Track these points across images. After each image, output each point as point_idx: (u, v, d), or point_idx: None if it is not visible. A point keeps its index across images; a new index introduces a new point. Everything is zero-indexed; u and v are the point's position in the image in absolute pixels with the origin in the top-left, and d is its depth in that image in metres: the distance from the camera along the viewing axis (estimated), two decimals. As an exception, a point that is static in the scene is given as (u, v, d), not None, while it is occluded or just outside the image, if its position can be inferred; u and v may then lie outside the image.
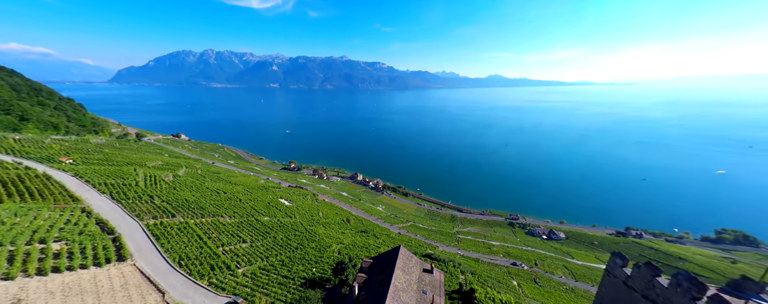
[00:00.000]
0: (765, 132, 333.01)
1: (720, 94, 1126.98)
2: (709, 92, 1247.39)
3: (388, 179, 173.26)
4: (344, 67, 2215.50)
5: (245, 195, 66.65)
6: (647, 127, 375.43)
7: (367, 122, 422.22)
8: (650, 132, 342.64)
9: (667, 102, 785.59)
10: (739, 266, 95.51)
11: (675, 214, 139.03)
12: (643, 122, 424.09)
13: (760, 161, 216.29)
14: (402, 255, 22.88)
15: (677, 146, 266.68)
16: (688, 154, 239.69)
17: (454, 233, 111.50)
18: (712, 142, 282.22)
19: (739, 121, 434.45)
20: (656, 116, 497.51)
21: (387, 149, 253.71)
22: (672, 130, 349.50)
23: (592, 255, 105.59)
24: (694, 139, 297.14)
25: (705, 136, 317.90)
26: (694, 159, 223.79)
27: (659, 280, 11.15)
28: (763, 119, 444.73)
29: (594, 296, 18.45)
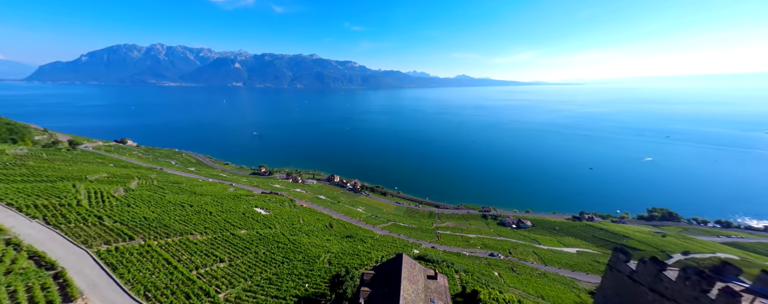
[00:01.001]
0: (679, 124, 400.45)
1: (648, 93, 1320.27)
2: (640, 91, 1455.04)
3: (366, 179, 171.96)
4: (315, 66, 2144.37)
5: (215, 207, 60.35)
6: (591, 123, 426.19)
7: (341, 122, 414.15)
8: (594, 126, 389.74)
9: (607, 100, 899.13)
10: (668, 238, 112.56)
11: (616, 197, 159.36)
12: (587, 118, 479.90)
13: (676, 149, 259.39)
14: (406, 264, 22.33)
15: (614, 138, 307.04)
16: (623, 145, 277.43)
17: (433, 229, 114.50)
18: (640, 134, 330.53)
19: (660, 115, 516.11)
20: (598, 112, 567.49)
21: (363, 149, 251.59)
22: (610, 125, 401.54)
23: (555, 240, 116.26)
24: (626, 132, 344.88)
25: (635, 128, 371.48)
26: (627, 149, 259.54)
27: (666, 274, 12.24)
28: (677, 114, 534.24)
29: (597, 288, 19.59)
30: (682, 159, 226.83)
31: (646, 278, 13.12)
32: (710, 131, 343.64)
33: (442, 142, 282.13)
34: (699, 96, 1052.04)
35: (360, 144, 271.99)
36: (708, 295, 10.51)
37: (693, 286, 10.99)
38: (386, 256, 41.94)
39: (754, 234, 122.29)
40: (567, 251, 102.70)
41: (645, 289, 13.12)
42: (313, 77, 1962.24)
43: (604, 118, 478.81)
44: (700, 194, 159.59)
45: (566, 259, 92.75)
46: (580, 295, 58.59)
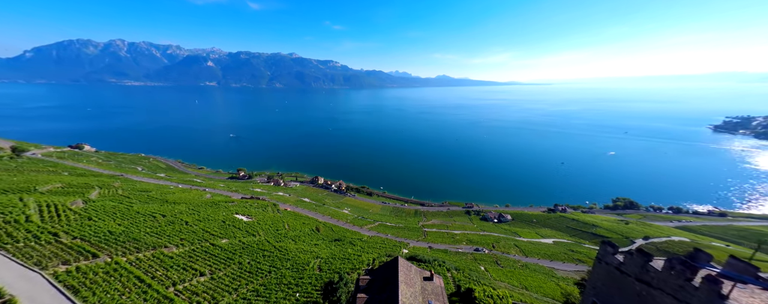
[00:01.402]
0: (635, 121, 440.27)
1: (609, 92, 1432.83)
2: (602, 91, 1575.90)
3: (352, 180, 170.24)
4: (295, 65, 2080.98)
5: (191, 215, 56.22)
6: (561, 120, 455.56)
7: (324, 123, 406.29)
8: (563, 123, 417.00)
9: (573, 100, 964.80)
10: (630, 225, 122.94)
11: (585, 189, 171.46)
12: (557, 116, 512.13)
13: (633, 143, 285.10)
14: (402, 267, 22.14)
15: (582, 135, 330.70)
16: (589, 140, 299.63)
17: (420, 228, 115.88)
18: (603, 130, 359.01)
19: (620, 113, 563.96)
20: (566, 111, 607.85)
21: (348, 150, 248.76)
22: (577, 122, 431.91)
23: (533, 232, 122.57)
24: (592, 129, 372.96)
25: (599, 125, 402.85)
26: (593, 144, 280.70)
27: (652, 264, 13.16)
28: (634, 111, 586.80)
29: (587, 280, 20.74)
30: (638, 152, 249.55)
31: (633, 269, 14.02)
32: (661, 127, 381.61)
33: (425, 142, 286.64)
34: (652, 95, 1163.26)
35: (344, 144, 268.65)
36: (692, 283, 11.44)
37: (678, 275, 11.90)
38: (377, 258, 41.56)
39: (700, 218, 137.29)
40: (544, 242, 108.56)
41: (632, 279, 14.01)
42: (294, 77, 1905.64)
43: (572, 116, 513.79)
44: (655, 184, 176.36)
45: (544, 249, 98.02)
46: (559, 283, 62.27)
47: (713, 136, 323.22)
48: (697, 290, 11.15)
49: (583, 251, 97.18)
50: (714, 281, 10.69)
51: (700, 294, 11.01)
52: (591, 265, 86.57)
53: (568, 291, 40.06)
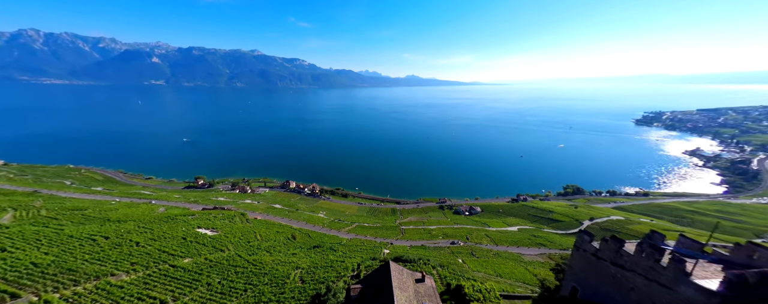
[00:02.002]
0: (577, 117, 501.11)
1: (556, 92, 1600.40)
2: (550, 91, 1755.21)
3: (325, 183, 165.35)
4: (257, 63, 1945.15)
5: (143, 234, 48.87)
6: (518, 117, 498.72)
7: (293, 123, 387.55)
8: (520, 120, 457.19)
9: (528, 98, 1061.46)
10: (579, 209, 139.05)
11: (542, 179, 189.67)
12: (515, 113, 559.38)
13: (577, 136, 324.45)
14: (395, 272, 21.79)
15: (536, 130, 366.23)
16: (543, 134, 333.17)
17: (397, 226, 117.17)
18: (553, 126, 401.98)
19: (565, 110, 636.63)
20: (523, 108, 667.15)
21: (319, 151, 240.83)
22: (532, 119, 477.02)
23: (500, 221, 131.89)
24: (544, 124, 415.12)
25: (549, 121, 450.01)
26: (546, 138, 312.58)
27: (625, 249, 14.77)
28: (576, 108, 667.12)
29: (566, 266, 22.65)
30: (581, 144, 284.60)
31: (608, 255, 15.60)
32: (597, 122, 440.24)
33: (398, 140, 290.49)
34: (590, 94, 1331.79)
35: (315, 146, 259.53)
36: (660, 263, 13.07)
37: (648, 257, 13.53)
38: (362, 262, 40.69)
39: (629, 198, 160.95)
40: (511, 230, 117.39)
41: (608, 263, 15.57)
42: (257, 75, 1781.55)
43: (527, 113, 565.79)
44: (595, 171, 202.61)
45: (511, 237, 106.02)
46: (528, 268, 67.96)
47: (635, 128, 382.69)
48: (665, 269, 12.79)
49: (543, 236, 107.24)
50: (679, 260, 12.33)
51: (668, 273, 12.66)
52: (551, 248, 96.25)
53: (542, 276, 43.78)
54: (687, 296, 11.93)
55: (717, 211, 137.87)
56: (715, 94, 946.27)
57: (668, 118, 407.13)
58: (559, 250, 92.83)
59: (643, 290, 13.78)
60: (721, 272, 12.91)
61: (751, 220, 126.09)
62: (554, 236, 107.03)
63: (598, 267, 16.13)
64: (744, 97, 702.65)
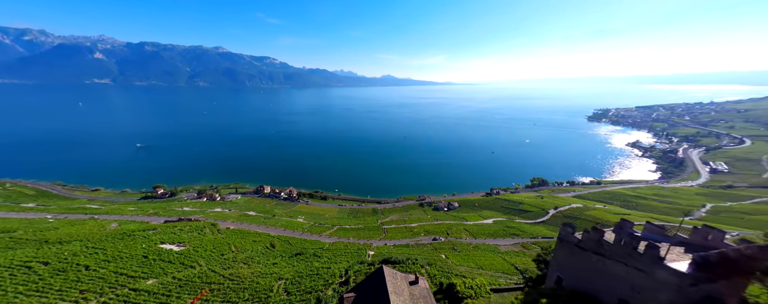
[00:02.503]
0: (540, 114, 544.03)
1: (521, 91, 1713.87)
2: (516, 90, 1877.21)
3: (303, 186, 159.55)
4: (223, 61, 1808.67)
5: (93, 256, 42.50)
6: (488, 115, 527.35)
7: (265, 125, 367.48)
8: (490, 118, 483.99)
9: (496, 97, 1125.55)
10: (545, 199, 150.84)
11: (511, 172, 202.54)
12: (485, 112, 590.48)
13: (540, 132, 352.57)
14: (389, 276, 21.42)
15: (504, 127, 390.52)
16: (510, 131, 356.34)
17: (379, 226, 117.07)
18: (519, 123, 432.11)
19: (529, 108, 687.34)
20: (491, 107, 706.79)
21: (295, 153, 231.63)
22: (500, 116, 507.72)
23: (477, 215, 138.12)
24: (511, 122, 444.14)
25: (515, 118, 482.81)
26: (513, 134, 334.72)
27: (605, 239, 16.07)
28: (538, 107, 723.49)
29: (550, 260, 24.26)
30: (544, 139, 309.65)
31: (590, 245, 16.87)
32: (556, 118, 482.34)
33: (376, 140, 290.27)
34: (548, 93, 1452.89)
35: (290, 148, 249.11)
36: (637, 250, 14.42)
37: (626, 245, 14.87)
38: (350, 267, 39.70)
39: (586, 187, 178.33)
40: (486, 223, 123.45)
41: (590, 253, 16.83)
42: (222, 74, 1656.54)
43: (495, 111, 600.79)
44: (557, 164, 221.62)
45: (487, 229, 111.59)
46: (505, 258, 72.26)
47: (588, 124, 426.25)
48: (642, 256, 14.14)
49: (515, 226, 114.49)
50: (654, 247, 13.69)
51: (644, 258, 14.02)
52: (523, 237, 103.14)
53: (521, 266, 46.48)
54: (662, 278, 13.37)
55: (654, 194, 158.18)
56: (649, 94, 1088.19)
57: (613, 115, 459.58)
58: (530, 238, 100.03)
59: (622, 275, 15.16)
60: (684, 254, 14.72)
61: (680, 201, 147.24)
62: (525, 226, 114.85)
63: (580, 257, 17.43)
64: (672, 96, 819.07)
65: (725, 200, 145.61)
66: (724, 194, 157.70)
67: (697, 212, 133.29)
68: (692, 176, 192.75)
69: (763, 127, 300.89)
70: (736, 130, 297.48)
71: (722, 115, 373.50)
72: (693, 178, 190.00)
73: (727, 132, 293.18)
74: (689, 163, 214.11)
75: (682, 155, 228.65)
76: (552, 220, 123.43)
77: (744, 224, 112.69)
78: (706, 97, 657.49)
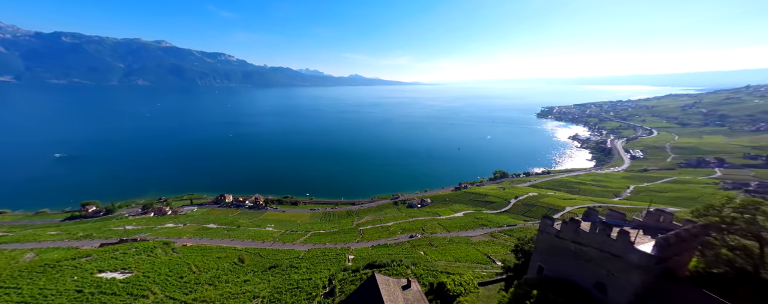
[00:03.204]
0: (498, 112, 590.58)
1: (481, 91, 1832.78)
2: (478, 90, 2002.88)
3: (270, 192, 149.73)
4: (167, 56, 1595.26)
5: (4, 298, 33.65)
6: (453, 114, 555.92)
7: (224, 128, 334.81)
8: (455, 116, 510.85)
9: (459, 97, 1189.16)
10: (506, 190, 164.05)
11: (476, 167, 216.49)
12: (450, 111, 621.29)
13: (500, 129, 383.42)
14: (382, 284, 20.75)
15: (468, 124, 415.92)
16: (473, 128, 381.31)
17: (355, 228, 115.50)
18: (481, 120, 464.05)
19: (489, 106, 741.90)
20: (456, 106, 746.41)
21: (260, 158, 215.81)
22: (464, 115, 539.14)
23: (448, 209, 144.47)
24: (474, 119, 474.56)
25: (477, 116, 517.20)
26: (476, 131, 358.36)
27: (582, 228, 17.65)
28: (497, 105, 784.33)
29: (529, 250, 25.97)
30: (502, 135, 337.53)
31: (568, 234, 18.41)
32: (511, 116, 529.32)
33: (347, 141, 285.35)
34: (503, 93, 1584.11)
35: (254, 152, 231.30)
36: (610, 237, 16.08)
37: (600, 233, 16.50)
38: (334, 276, 37.94)
39: (539, 177, 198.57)
40: (458, 216, 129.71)
41: (569, 242, 18.35)
42: (167, 71, 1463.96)
43: (460, 110, 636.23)
44: (514, 157, 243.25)
45: (459, 222, 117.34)
46: (477, 248, 76.81)
47: (537, 120, 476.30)
48: (615, 241, 15.82)
49: (483, 217, 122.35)
50: (625, 233, 15.39)
51: (617, 243, 15.72)
52: (491, 227, 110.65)
53: (500, 257, 49.44)
54: (633, 261, 15.17)
55: (591, 180, 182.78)
56: (585, 93, 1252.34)
57: (557, 112, 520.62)
58: (497, 227, 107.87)
59: (598, 261, 16.85)
60: (644, 236, 17.00)
61: (611, 184, 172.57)
62: (492, 216, 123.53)
63: (560, 246, 18.96)
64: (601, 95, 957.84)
65: (643, 181, 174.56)
66: (642, 176, 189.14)
67: (623, 193, 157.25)
68: (618, 163, 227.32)
69: (665, 120, 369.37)
70: (646, 123, 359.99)
71: (637, 111, 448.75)
72: (618, 164, 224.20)
73: (640, 125, 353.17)
74: (615, 152, 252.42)
75: (610, 145, 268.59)
76: (513, 208, 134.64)
77: (657, 200, 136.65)
78: (625, 96, 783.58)
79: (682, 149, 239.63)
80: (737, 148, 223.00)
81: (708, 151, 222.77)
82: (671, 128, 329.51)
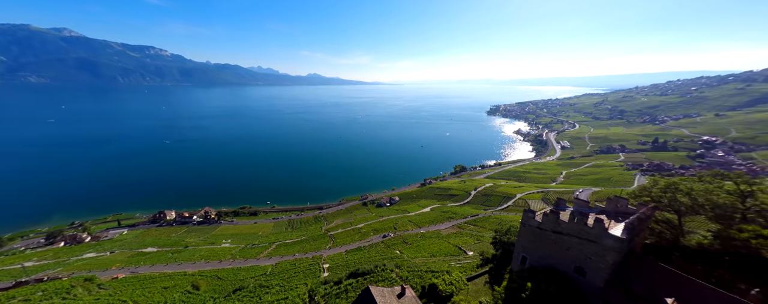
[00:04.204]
0: (454, 110, 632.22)
1: (439, 91, 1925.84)
2: (436, 90, 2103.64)
3: (224, 203, 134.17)
4: (73, 48, 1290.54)
5: None
6: (414, 113, 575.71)
7: (157, 133, 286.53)
8: (416, 116, 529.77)
9: (419, 97, 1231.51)
10: (466, 183, 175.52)
11: (439, 162, 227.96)
12: (411, 110, 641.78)
13: (456, 126, 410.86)
14: (378, 297, 19.58)
15: (428, 123, 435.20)
16: (433, 126, 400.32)
17: (325, 233, 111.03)
18: (440, 118, 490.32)
19: (446, 105, 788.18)
20: (416, 105, 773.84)
21: (208, 166, 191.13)
22: (424, 114, 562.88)
23: (416, 205, 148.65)
24: (433, 118, 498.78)
25: (436, 115, 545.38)
26: (436, 129, 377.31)
27: (561, 218, 19.28)
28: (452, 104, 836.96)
29: (515, 241, 27.51)
30: (460, 131, 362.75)
31: (549, 225, 19.98)
32: (465, 113, 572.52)
33: (309, 143, 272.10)
34: (461, 93, 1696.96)
35: (199, 161, 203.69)
36: (587, 225, 17.87)
37: (578, 222, 18.23)
38: (315, 292, 35.02)
39: (492, 169, 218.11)
40: (426, 211, 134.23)
41: (549, 232, 19.91)
42: (73, 66, 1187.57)
43: (420, 109, 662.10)
44: (471, 151, 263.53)
45: (428, 217, 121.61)
46: (448, 241, 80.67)
47: (487, 117, 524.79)
48: (591, 229, 17.63)
49: (449, 210, 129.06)
50: (600, 221, 17.24)
51: (593, 230, 17.55)
52: (456, 218, 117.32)
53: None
54: (607, 245, 17.13)
55: (534, 169, 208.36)
56: (525, 93, 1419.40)
57: (503, 110, 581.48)
58: (462, 219, 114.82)
59: (577, 247, 18.67)
60: (607, 220, 19.52)
61: (549, 171, 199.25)
62: (456, 208, 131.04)
63: (541, 237, 20.53)
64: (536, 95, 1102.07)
65: (571, 167, 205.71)
66: (570, 163, 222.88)
67: (559, 178, 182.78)
68: (551, 152, 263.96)
69: (583, 115, 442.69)
70: (570, 118, 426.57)
71: (563, 108, 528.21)
72: (552, 154, 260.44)
73: (566, 120, 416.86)
74: (550, 143, 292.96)
75: (545, 138, 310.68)
76: (474, 199, 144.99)
77: (582, 182, 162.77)
78: (553, 95, 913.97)
79: (596, 139, 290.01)
80: (633, 136, 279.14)
81: (614, 139, 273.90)
82: (588, 122, 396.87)
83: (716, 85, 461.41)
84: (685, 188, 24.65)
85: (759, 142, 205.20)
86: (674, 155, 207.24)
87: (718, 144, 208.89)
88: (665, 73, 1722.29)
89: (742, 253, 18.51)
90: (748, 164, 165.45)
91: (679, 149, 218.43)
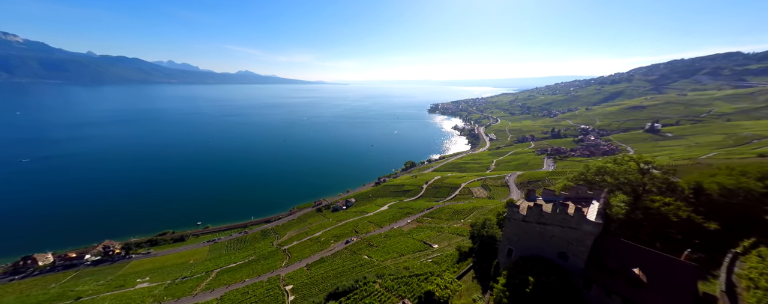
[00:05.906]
0: (400, 109, 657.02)
1: (384, 90, 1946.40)
2: (380, 90, 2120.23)
3: (132, 232, 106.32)
4: None
5: None
6: (362, 112, 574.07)
7: (7, 150, 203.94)
8: (364, 115, 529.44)
9: (365, 96, 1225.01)
10: (418, 178, 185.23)
11: (388, 160, 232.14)
12: (358, 110, 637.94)
13: (404, 124, 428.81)
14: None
15: (376, 122, 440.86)
16: (381, 125, 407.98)
17: (278, 249, 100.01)
18: (387, 117, 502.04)
19: (391, 104, 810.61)
20: (363, 105, 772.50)
21: (99, 188, 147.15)
22: (372, 113, 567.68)
23: (373, 205, 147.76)
24: (381, 117, 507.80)
25: (384, 114, 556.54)
26: (383, 128, 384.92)
27: (545, 210, 20.71)
28: (397, 103, 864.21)
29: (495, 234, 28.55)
30: (407, 129, 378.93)
31: (533, 218, 21.34)
32: (409, 112, 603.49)
33: (246, 149, 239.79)
34: (403, 92, 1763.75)
35: (85, 182, 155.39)
36: (568, 213, 19.61)
37: (560, 213, 19.88)
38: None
39: (437, 162, 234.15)
40: (384, 210, 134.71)
41: (534, 224, 21.27)
42: None
43: (368, 109, 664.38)
44: (418, 147, 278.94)
45: (387, 215, 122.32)
46: (413, 237, 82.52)
47: (429, 115, 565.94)
48: (572, 217, 19.43)
49: (405, 205, 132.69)
50: (580, 210, 19.09)
51: (574, 218, 19.38)
52: (414, 213, 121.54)
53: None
54: (587, 230, 19.19)
55: (471, 160, 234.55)
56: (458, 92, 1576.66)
57: (441, 108, 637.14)
58: (419, 213, 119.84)
59: (559, 235, 20.45)
60: (582, 207, 22.20)
61: (484, 161, 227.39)
62: (412, 203, 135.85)
63: (526, 229, 21.87)
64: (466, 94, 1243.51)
65: (499, 156, 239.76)
66: (497, 152, 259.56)
67: (491, 167, 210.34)
68: (483, 144, 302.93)
69: (502, 111, 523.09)
70: (494, 114, 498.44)
71: (488, 105, 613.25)
72: (483, 145, 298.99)
73: (491, 115, 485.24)
74: (481, 136, 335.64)
75: (477, 132, 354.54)
76: (426, 193, 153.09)
77: (508, 167, 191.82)
78: (479, 94, 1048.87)
79: (514, 131, 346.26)
80: (538, 127, 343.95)
81: (526, 131, 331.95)
82: (506, 117, 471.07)
83: (584, 86, 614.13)
84: (610, 170, 30.89)
85: (613, 128, 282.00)
86: (565, 140, 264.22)
87: (589, 131, 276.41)
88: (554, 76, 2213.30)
89: (657, 219, 24.13)
90: (608, 144, 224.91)
91: (567, 136, 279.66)
